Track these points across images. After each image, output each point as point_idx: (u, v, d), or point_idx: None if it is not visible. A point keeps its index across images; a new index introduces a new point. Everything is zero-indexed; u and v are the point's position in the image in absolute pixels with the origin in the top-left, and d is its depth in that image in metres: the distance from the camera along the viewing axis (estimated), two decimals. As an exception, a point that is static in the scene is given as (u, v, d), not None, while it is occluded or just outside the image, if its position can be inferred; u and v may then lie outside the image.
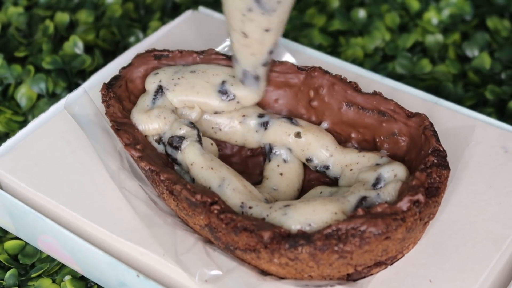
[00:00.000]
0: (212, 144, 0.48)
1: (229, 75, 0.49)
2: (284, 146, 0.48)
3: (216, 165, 0.45)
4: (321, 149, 0.47)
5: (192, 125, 0.47)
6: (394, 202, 0.41)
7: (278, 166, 0.48)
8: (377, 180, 0.44)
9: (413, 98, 0.53)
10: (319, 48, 0.65)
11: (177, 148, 0.46)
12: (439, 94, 0.60)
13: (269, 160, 0.48)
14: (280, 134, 0.48)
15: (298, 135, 0.48)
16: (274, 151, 0.48)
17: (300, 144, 0.48)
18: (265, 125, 0.49)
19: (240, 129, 0.49)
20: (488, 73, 0.63)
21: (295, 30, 0.67)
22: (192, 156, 0.46)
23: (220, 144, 0.50)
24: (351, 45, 0.65)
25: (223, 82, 0.49)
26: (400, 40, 0.66)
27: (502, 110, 0.60)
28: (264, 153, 0.50)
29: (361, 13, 0.68)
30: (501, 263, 0.44)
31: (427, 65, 0.63)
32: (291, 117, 0.49)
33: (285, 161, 0.48)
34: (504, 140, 0.50)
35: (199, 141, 0.47)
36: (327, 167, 0.47)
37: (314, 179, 0.48)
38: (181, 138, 0.47)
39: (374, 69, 0.63)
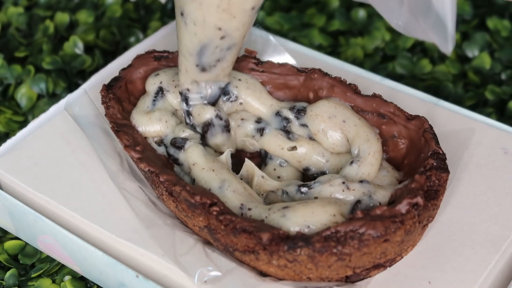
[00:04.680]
0: (215, 151, 0.48)
1: (232, 76, 0.49)
2: (279, 158, 0.48)
3: (218, 167, 0.45)
4: (317, 157, 0.47)
5: (195, 129, 0.48)
6: (393, 204, 0.41)
7: (275, 169, 0.48)
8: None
9: (413, 99, 0.53)
10: (319, 48, 0.65)
11: (180, 148, 0.46)
12: (439, 94, 0.60)
13: (265, 165, 0.48)
14: (274, 145, 0.47)
15: (293, 148, 0.47)
16: (269, 156, 0.48)
17: (296, 156, 0.47)
18: (261, 131, 0.48)
19: (237, 131, 0.49)
20: (488, 73, 0.63)
21: (295, 30, 0.67)
22: (195, 156, 0.46)
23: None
24: (351, 45, 0.65)
25: (227, 83, 0.48)
26: (400, 40, 0.66)
27: (502, 110, 0.60)
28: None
29: (361, 13, 0.68)
30: (501, 264, 0.44)
31: (427, 65, 0.63)
32: (289, 131, 0.48)
33: (281, 165, 0.48)
34: (503, 141, 0.50)
35: (202, 144, 0.47)
36: (323, 173, 0.47)
37: (312, 179, 0.48)
38: (185, 139, 0.47)
39: (374, 69, 0.63)
